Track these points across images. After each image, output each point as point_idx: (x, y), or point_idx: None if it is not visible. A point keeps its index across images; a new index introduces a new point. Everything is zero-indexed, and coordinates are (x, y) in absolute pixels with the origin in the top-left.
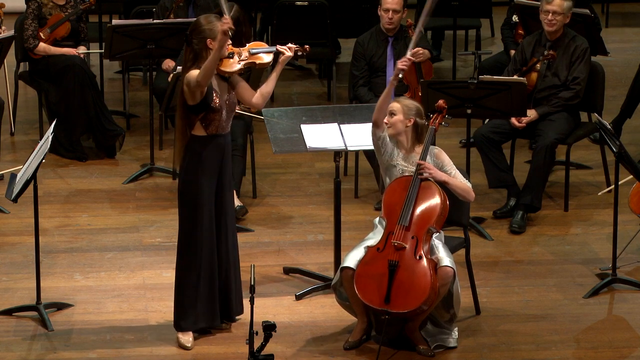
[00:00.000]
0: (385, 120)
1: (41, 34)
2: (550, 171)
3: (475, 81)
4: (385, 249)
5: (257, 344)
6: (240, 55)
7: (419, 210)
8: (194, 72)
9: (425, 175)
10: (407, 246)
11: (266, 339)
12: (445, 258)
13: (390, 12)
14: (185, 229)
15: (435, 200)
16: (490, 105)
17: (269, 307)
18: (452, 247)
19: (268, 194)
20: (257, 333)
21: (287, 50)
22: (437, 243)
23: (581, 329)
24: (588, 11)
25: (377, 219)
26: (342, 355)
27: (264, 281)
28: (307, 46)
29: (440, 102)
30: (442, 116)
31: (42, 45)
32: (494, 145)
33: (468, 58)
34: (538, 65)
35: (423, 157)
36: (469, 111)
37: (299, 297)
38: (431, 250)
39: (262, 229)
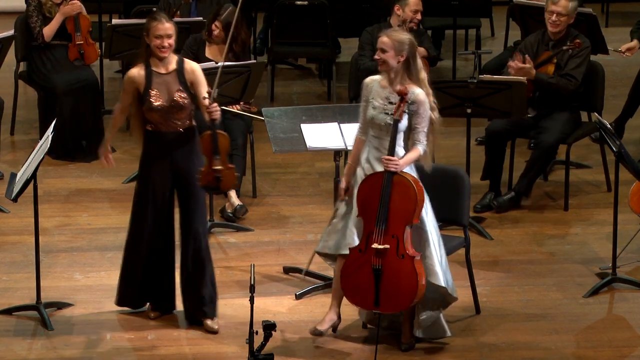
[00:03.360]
0: (375, 56)
1: (79, 43)
2: (548, 167)
3: (475, 80)
4: (367, 251)
5: (257, 344)
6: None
7: (395, 209)
8: (128, 76)
9: (392, 169)
10: (388, 247)
11: (266, 339)
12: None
13: (419, 13)
14: (131, 218)
15: (410, 197)
16: (490, 104)
17: (269, 306)
18: (452, 246)
19: (268, 194)
20: (257, 332)
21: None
22: (429, 233)
23: (581, 328)
24: (591, 10)
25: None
26: (342, 354)
27: (264, 281)
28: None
29: (401, 87)
30: (405, 102)
31: (45, 31)
32: (502, 142)
33: (468, 57)
34: (555, 58)
35: (390, 150)
36: (469, 110)
37: (299, 297)
38: (419, 242)
39: (262, 228)
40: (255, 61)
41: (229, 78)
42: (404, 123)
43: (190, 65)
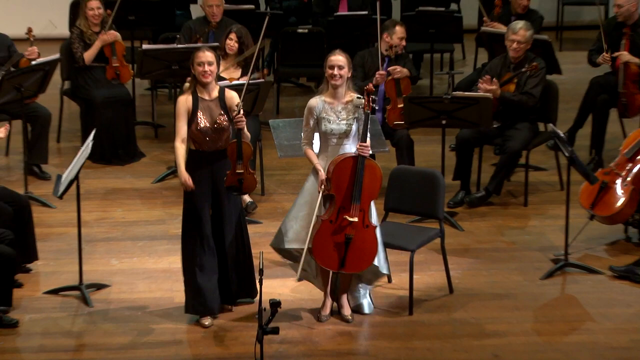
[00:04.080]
0: (335, 72)
1: (115, 65)
2: (513, 171)
3: (449, 96)
4: (338, 222)
5: (265, 318)
6: None
7: (366, 188)
8: (179, 104)
9: (366, 154)
10: (357, 219)
11: (273, 314)
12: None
13: (404, 40)
14: (183, 228)
15: (377, 177)
16: (461, 116)
17: (275, 287)
18: (429, 236)
19: (274, 192)
20: (265, 309)
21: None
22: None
23: (538, 306)
24: (547, 37)
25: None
26: (334, 324)
27: (271, 265)
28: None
29: (370, 85)
30: (371, 97)
31: (86, 56)
32: (470, 148)
33: (443, 77)
34: (516, 78)
35: (363, 139)
36: (443, 122)
37: (300, 279)
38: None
39: (269, 221)
40: (263, 80)
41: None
42: (352, 127)
43: (230, 93)
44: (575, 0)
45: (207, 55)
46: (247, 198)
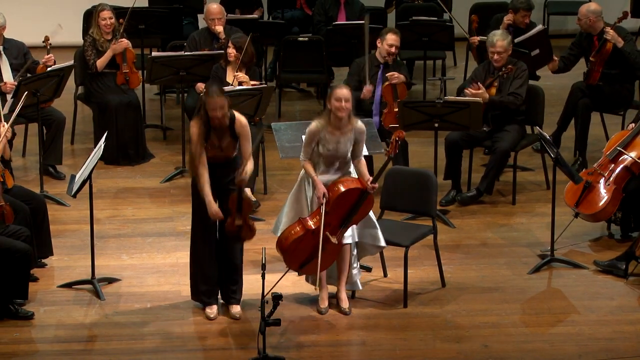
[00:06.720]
0: (342, 105)
1: (125, 71)
2: (502, 171)
3: (441, 101)
4: (320, 236)
5: (267, 311)
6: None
7: (357, 217)
8: (194, 130)
9: (372, 192)
10: (336, 238)
11: (275, 307)
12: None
13: (394, 47)
14: (192, 225)
15: (368, 210)
16: (453, 120)
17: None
18: (422, 233)
19: (276, 191)
20: (267, 302)
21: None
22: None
23: (526, 299)
24: (541, 26)
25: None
26: (331, 316)
27: (273, 260)
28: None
29: (403, 134)
30: (399, 144)
31: (98, 63)
32: (459, 149)
33: (435, 82)
34: (496, 82)
35: (375, 180)
36: (436, 125)
37: (300, 273)
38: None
39: (271, 218)
40: (266, 85)
41: (246, 98)
42: (349, 149)
43: (240, 121)
44: (560, 10)
45: (217, 101)
46: (251, 197)
